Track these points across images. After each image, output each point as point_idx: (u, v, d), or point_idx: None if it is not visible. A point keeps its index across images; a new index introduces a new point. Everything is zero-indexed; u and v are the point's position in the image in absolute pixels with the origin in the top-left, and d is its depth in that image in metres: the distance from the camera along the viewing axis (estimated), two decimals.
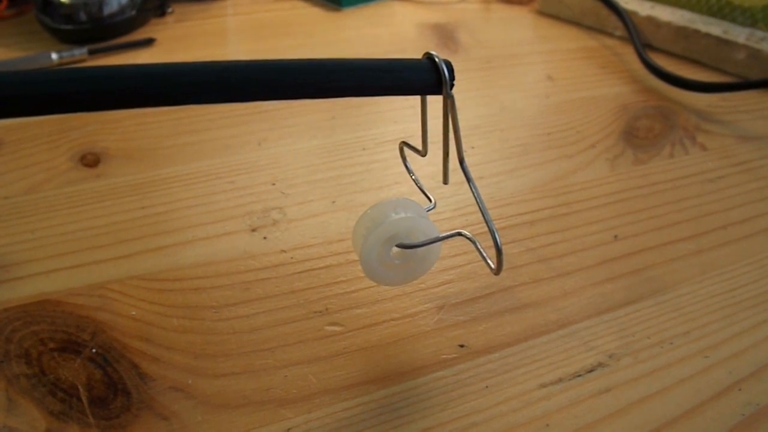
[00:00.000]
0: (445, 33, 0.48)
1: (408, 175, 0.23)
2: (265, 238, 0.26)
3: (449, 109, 0.17)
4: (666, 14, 0.45)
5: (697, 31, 0.43)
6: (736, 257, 0.26)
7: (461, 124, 0.24)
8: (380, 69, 0.16)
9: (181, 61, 0.15)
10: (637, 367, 0.21)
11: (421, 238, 0.19)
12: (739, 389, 0.20)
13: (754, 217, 0.28)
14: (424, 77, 0.17)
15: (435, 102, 0.18)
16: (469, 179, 0.18)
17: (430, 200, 0.22)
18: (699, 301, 0.23)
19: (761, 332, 0.22)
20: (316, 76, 0.15)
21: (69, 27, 0.42)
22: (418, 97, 0.19)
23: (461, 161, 0.18)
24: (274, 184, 0.29)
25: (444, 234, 0.19)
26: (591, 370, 0.20)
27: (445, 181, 0.20)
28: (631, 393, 0.20)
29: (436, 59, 0.17)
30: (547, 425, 0.19)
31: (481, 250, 0.20)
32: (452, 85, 0.17)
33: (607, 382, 0.20)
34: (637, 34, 0.44)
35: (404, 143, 0.22)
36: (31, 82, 0.14)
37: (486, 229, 0.19)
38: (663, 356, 0.21)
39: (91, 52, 0.41)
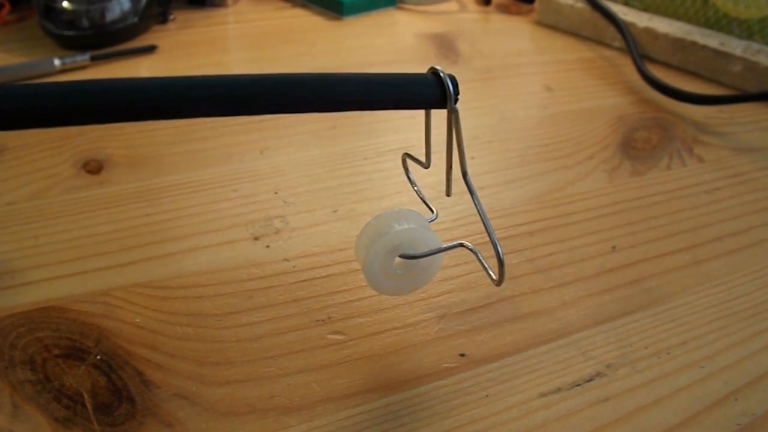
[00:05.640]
0: (444, 43, 0.49)
1: (409, 185, 0.23)
2: (267, 246, 0.26)
3: (453, 123, 0.18)
4: (663, 26, 0.46)
5: (694, 43, 0.44)
6: (733, 268, 0.26)
7: None
8: (387, 84, 0.17)
9: (188, 75, 0.15)
10: (635, 377, 0.21)
11: (424, 249, 0.19)
12: (735, 399, 0.20)
13: (750, 229, 0.29)
14: (430, 92, 0.17)
15: (436, 114, 0.19)
16: (472, 192, 0.19)
17: (432, 211, 0.22)
18: (695, 311, 0.24)
19: (757, 343, 0.22)
20: (324, 91, 0.16)
21: (71, 33, 0.42)
22: (421, 110, 0.20)
23: (464, 174, 0.19)
24: (276, 193, 0.29)
25: (447, 245, 0.20)
26: (589, 380, 0.21)
27: (448, 194, 0.20)
28: (628, 402, 0.20)
29: (441, 74, 0.17)
30: None
31: (483, 261, 0.20)
32: (456, 100, 0.17)
33: (605, 391, 0.20)
34: (634, 46, 0.45)
35: (407, 155, 0.22)
36: (43, 94, 0.14)
37: (486, 239, 0.19)
38: (660, 366, 0.21)
39: (94, 59, 0.41)
